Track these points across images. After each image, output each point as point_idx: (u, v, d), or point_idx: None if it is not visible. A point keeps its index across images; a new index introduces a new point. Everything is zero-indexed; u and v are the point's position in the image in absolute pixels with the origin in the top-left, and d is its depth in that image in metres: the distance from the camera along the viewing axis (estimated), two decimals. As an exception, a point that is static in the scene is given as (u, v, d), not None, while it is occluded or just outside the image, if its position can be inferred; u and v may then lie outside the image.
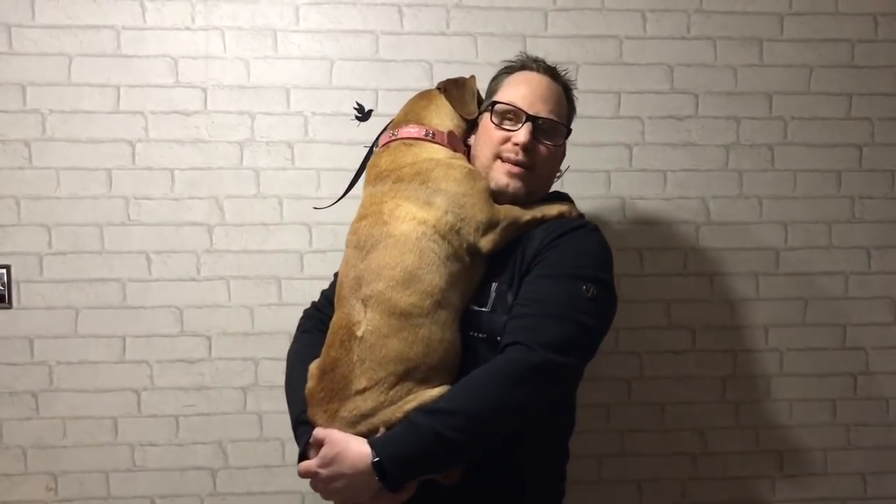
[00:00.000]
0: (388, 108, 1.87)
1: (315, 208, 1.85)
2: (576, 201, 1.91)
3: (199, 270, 1.87)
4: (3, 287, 1.83)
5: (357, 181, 1.87)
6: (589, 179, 1.93)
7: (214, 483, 1.88)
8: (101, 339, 1.85)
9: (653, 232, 1.95)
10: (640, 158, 1.94)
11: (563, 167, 1.63)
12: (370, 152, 1.87)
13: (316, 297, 1.55)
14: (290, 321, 1.86)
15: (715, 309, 1.97)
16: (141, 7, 1.84)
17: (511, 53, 1.80)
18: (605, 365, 1.94)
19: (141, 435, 1.87)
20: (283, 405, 1.87)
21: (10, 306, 1.83)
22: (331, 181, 1.87)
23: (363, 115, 1.88)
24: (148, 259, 1.86)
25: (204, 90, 1.86)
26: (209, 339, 1.88)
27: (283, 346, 1.86)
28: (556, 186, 1.66)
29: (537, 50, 1.89)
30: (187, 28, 1.85)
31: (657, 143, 1.94)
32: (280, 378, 1.87)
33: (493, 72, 1.51)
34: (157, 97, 1.85)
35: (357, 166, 1.87)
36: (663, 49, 1.94)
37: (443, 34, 1.89)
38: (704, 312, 1.97)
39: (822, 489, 2.00)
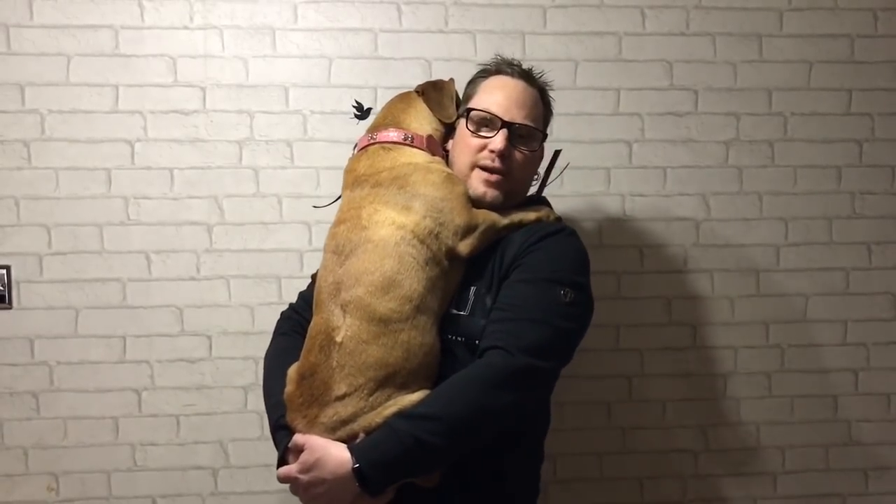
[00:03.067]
0: (386, 106, 1.87)
1: (314, 207, 1.85)
2: (575, 198, 1.93)
3: (198, 270, 1.87)
4: (4, 287, 1.83)
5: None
6: (588, 176, 1.93)
7: (216, 482, 1.88)
8: (101, 339, 1.85)
9: (653, 229, 1.95)
10: (639, 155, 1.94)
11: (562, 165, 1.63)
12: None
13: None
14: (291, 320, 1.87)
15: (715, 305, 1.97)
16: (139, 6, 1.84)
17: (510, 51, 1.82)
18: (605, 362, 1.94)
19: (142, 435, 1.87)
20: (284, 404, 1.88)
21: (10, 307, 1.83)
22: (330, 180, 1.87)
23: (362, 113, 1.88)
24: (148, 259, 1.86)
25: (203, 89, 1.86)
26: (209, 338, 1.87)
27: (283, 345, 1.87)
28: (556, 184, 1.67)
29: (536, 47, 1.90)
30: (185, 27, 1.85)
31: (657, 139, 1.94)
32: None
33: (479, 68, 1.50)
34: (156, 97, 1.84)
35: (356, 165, 1.87)
36: (662, 45, 1.93)
37: (441, 32, 1.89)
38: (705, 309, 1.97)
39: (823, 485, 2.00)
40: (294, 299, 1.59)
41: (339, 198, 1.50)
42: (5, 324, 1.83)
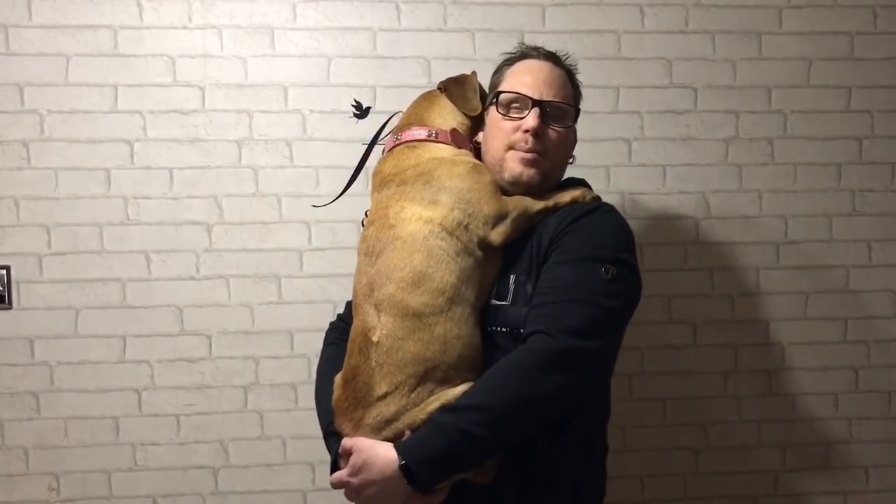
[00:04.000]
0: (386, 104, 1.87)
1: (314, 206, 1.85)
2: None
3: (198, 269, 1.87)
4: (3, 288, 1.83)
5: (356, 178, 1.88)
6: (588, 174, 1.90)
7: (216, 482, 1.89)
8: (101, 339, 1.85)
9: (653, 227, 1.95)
10: (639, 153, 1.94)
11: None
12: (369, 149, 1.87)
13: (316, 295, 1.55)
14: (290, 319, 1.88)
15: (716, 303, 1.96)
16: (138, 6, 1.84)
17: (509, 49, 1.80)
18: (605, 360, 1.94)
19: (142, 434, 1.87)
20: (284, 403, 1.89)
21: (10, 307, 1.83)
22: (329, 179, 1.87)
23: (361, 112, 1.88)
24: (147, 258, 1.86)
25: (202, 89, 1.86)
26: (209, 338, 1.87)
27: (283, 345, 1.88)
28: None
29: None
30: (184, 27, 1.85)
31: (656, 137, 1.94)
32: (281, 376, 1.89)
33: (491, 68, 1.50)
34: (155, 96, 1.84)
35: (356, 163, 1.87)
36: (662, 43, 1.93)
37: (440, 30, 1.89)
38: (705, 307, 1.96)
39: (824, 483, 1.99)
40: (294, 298, 1.59)
41: (339, 197, 1.51)
42: (5, 324, 1.84)
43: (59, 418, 1.85)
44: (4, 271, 1.83)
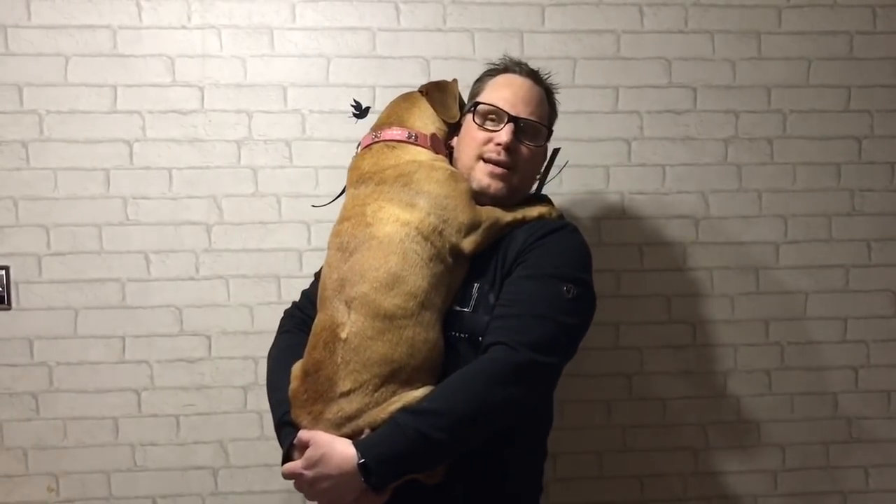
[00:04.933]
0: (385, 104, 1.85)
1: (313, 206, 1.85)
2: (574, 197, 1.93)
3: (198, 270, 1.87)
4: (3, 288, 1.83)
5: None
6: (587, 174, 1.93)
7: (216, 482, 1.88)
8: (100, 340, 1.85)
9: (652, 227, 1.95)
10: (638, 153, 1.94)
11: (561, 163, 1.63)
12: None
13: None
14: (290, 319, 1.87)
15: (715, 303, 1.96)
16: (137, 6, 1.84)
17: (508, 49, 1.82)
18: (605, 361, 1.94)
19: (142, 435, 1.87)
20: (284, 404, 1.88)
21: (9, 307, 1.83)
22: (329, 179, 1.87)
23: (360, 112, 1.88)
24: (147, 259, 1.86)
25: (201, 89, 1.85)
26: (209, 338, 1.87)
27: (282, 345, 1.87)
28: (555, 182, 1.67)
29: (534, 45, 1.90)
30: (183, 27, 1.85)
31: (656, 137, 1.94)
32: (280, 376, 1.88)
33: (488, 67, 1.50)
34: (154, 96, 1.84)
35: (355, 164, 1.87)
36: (661, 43, 1.93)
37: (439, 30, 1.89)
38: (705, 307, 1.96)
39: (824, 483, 1.99)
40: (294, 298, 1.59)
41: (339, 197, 1.51)
42: (4, 324, 1.83)
43: (59, 419, 1.85)
44: (3, 272, 1.83)
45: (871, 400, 2.00)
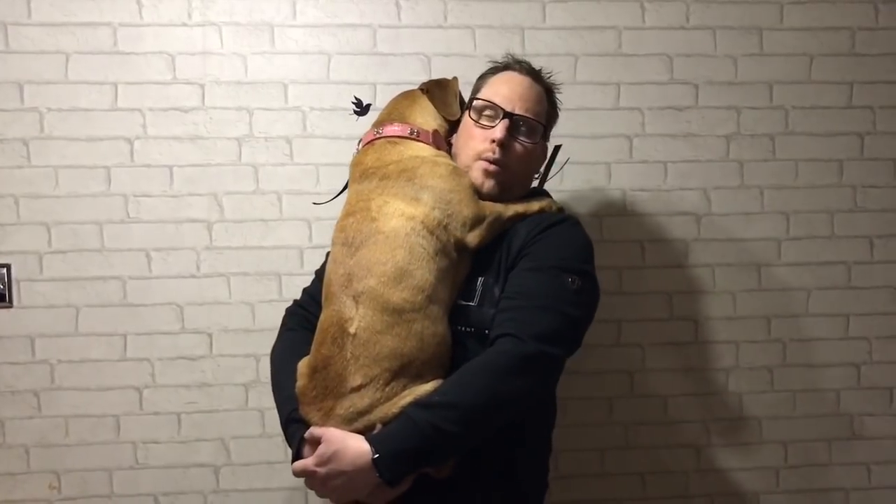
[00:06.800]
0: (385, 101, 1.85)
1: (314, 203, 1.84)
2: (576, 194, 1.92)
3: (199, 267, 1.87)
4: (4, 286, 1.83)
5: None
6: (589, 171, 1.93)
7: (217, 480, 1.88)
8: (102, 338, 1.85)
9: (654, 223, 1.95)
10: (640, 150, 1.94)
11: (562, 160, 1.63)
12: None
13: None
14: (291, 317, 1.86)
15: (717, 300, 1.96)
16: (137, 4, 1.84)
17: (510, 46, 1.82)
18: (607, 358, 1.93)
19: (143, 432, 1.87)
20: (285, 401, 1.88)
21: (10, 305, 1.83)
22: (330, 176, 1.87)
23: (361, 109, 1.87)
24: (148, 256, 1.86)
25: (202, 86, 1.85)
26: (210, 335, 1.87)
27: (284, 342, 1.87)
28: (556, 179, 1.66)
29: (535, 42, 1.90)
30: (184, 24, 1.85)
31: (657, 134, 1.94)
32: (281, 374, 1.88)
33: (490, 65, 1.50)
34: (155, 94, 1.84)
35: (356, 161, 1.87)
36: (663, 39, 1.93)
37: (440, 27, 1.89)
38: (706, 304, 1.96)
39: (826, 480, 1.99)
40: (295, 296, 1.58)
41: (340, 194, 1.50)
42: (6, 323, 1.83)
43: (60, 417, 1.85)
44: (5, 270, 1.82)
45: (873, 397, 2.00)
